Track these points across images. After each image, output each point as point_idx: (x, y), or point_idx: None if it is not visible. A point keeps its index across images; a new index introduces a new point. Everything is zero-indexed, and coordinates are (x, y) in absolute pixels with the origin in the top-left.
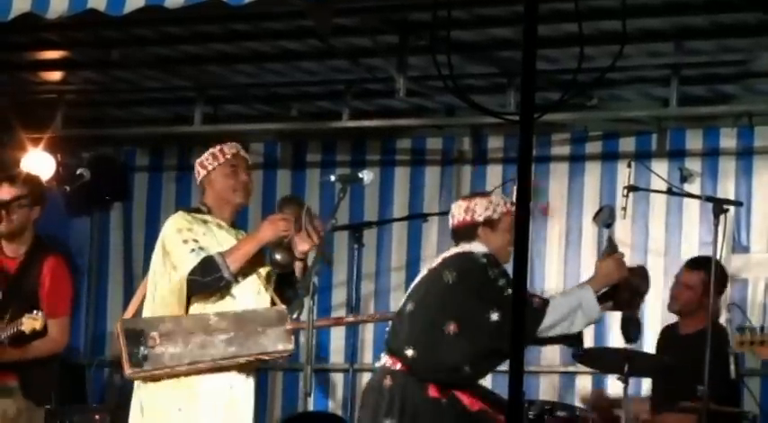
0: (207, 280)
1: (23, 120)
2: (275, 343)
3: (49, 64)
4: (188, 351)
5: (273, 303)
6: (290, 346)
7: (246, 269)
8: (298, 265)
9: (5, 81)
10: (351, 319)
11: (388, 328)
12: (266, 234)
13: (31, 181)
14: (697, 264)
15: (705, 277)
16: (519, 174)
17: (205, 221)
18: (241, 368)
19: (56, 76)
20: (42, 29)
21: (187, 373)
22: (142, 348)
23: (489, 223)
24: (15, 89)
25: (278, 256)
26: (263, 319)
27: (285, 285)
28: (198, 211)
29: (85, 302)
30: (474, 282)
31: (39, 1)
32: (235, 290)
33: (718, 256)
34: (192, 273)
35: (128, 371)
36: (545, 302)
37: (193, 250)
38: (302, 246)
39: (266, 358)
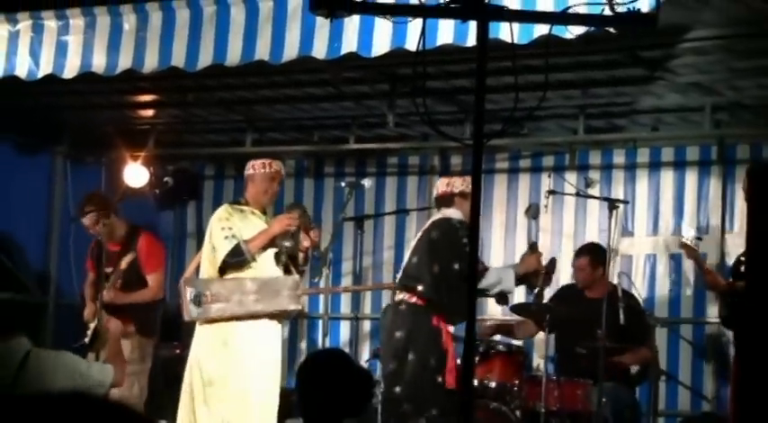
0: (234, 261)
1: (126, 143)
2: (288, 303)
3: (143, 104)
4: (229, 306)
5: (289, 271)
6: (299, 306)
7: (267, 248)
8: (301, 255)
9: (113, 116)
10: (354, 287)
11: (398, 275)
12: (275, 228)
13: (92, 200)
14: (580, 252)
15: (590, 259)
16: (472, 181)
17: (242, 211)
18: (271, 317)
19: (149, 112)
20: (139, 79)
21: (229, 320)
22: (197, 302)
23: (463, 194)
24: (120, 122)
25: (286, 244)
26: (282, 285)
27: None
28: (239, 202)
29: (169, 273)
30: (450, 240)
31: (137, 59)
32: (257, 262)
33: (611, 239)
34: (226, 256)
35: (186, 317)
36: (485, 269)
37: (227, 237)
38: (305, 243)
39: (282, 314)
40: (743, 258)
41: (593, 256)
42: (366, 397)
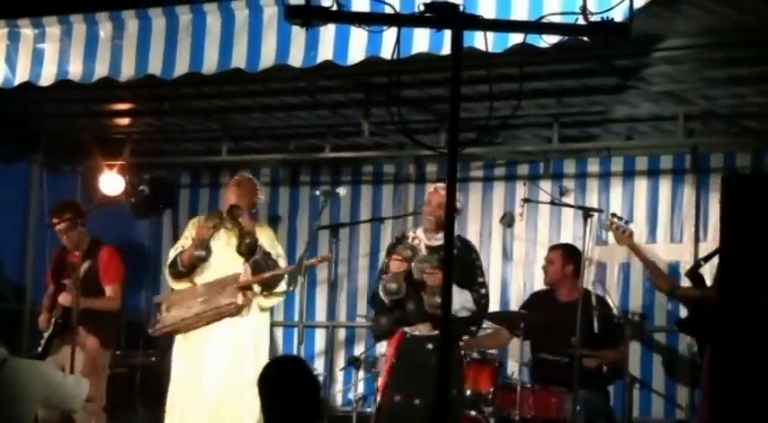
0: (172, 271)
1: (102, 151)
2: (227, 298)
3: (120, 112)
4: (180, 312)
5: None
6: (234, 300)
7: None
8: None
9: (90, 124)
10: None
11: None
12: (194, 240)
13: (70, 207)
14: (554, 247)
15: (561, 252)
16: (447, 189)
17: (219, 221)
18: (219, 318)
19: (125, 121)
20: (116, 88)
21: (186, 328)
22: (157, 315)
23: None
24: (97, 130)
25: (201, 253)
26: (222, 283)
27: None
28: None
29: (145, 280)
30: None
31: (113, 68)
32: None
33: (585, 248)
34: (168, 266)
35: (149, 331)
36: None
37: (176, 249)
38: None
39: (224, 310)
40: (702, 262)
41: (566, 251)
42: (314, 405)
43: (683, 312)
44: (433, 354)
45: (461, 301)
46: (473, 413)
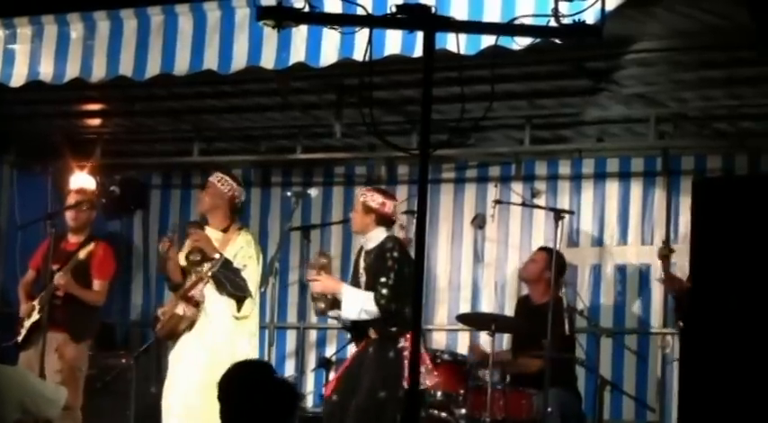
0: None
1: (73, 152)
2: (174, 309)
3: (91, 113)
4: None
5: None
6: (177, 310)
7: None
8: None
9: (61, 125)
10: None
11: None
12: None
13: (91, 193)
14: (544, 248)
15: (547, 256)
16: (419, 191)
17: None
18: (185, 325)
19: (96, 121)
20: (87, 88)
21: (171, 332)
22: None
23: None
24: (68, 131)
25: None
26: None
27: None
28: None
29: (117, 282)
30: None
31: (85, 69)
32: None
33: (557, 249)
34: None
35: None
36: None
37: None
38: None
39: (175, 319)
40: None
41: (551, 257)
42: (288, 411)
43: (655, 316)
44: (364, 355)
45: (363, 301)
46: (444, 415)
